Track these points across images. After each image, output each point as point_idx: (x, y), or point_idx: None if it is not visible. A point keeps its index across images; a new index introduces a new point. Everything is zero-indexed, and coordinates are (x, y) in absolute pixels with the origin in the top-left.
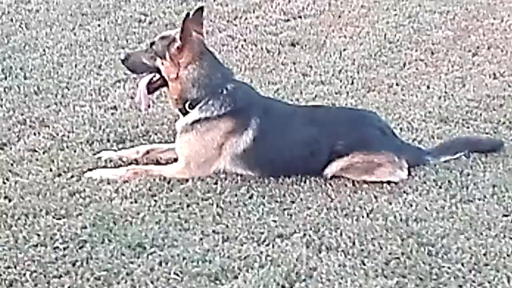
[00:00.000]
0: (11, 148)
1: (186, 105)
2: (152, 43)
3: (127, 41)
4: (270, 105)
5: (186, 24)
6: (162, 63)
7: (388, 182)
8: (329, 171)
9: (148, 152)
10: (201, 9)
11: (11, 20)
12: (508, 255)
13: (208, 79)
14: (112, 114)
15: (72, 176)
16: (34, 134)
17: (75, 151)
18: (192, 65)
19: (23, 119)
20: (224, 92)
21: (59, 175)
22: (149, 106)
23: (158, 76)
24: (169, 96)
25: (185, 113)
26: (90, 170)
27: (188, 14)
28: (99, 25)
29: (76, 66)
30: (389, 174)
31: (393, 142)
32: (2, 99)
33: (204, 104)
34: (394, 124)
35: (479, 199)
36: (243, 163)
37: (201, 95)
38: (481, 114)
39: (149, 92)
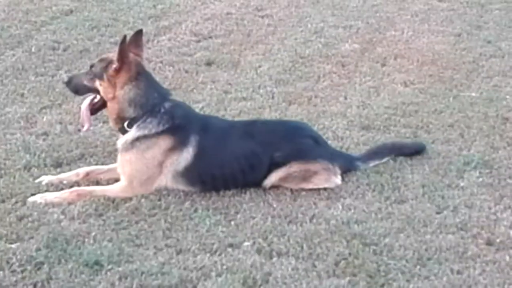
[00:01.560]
0: None
1: (125, 124)
2: (92, 65)
3: (45, 68)
4: (207, 121)
5: (123, 46)
6: (100, 84)
7: (325, 189)
8: (269, 182)
9: (88, 174)
10: (140, 32)
11: None
12: (448, 249)
13: (144, 98)
14: (44, 140)
15: (16, 202)
16: None
17: (14, 178)
18: (129, 86)
19: None
20: (162, 110)
21: (3, 201)
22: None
23: (99, 97)
24: (109, 116)
25: (124, 132)
26: (33, 195)
27: (125, 37)
28: (13, 55)
29: None
30: (325, 181)
31: (326, 150)
32: None
33: (142, 122)
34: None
35: (411, 199)
36: (184, 179)
37: (138, 114)
38: (399, 120)
39: (92, 113)
